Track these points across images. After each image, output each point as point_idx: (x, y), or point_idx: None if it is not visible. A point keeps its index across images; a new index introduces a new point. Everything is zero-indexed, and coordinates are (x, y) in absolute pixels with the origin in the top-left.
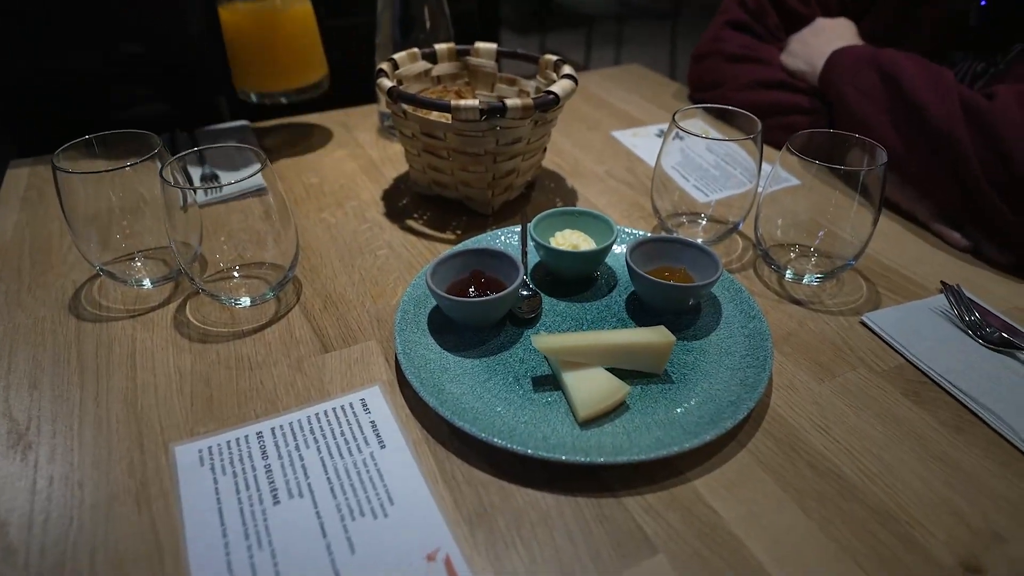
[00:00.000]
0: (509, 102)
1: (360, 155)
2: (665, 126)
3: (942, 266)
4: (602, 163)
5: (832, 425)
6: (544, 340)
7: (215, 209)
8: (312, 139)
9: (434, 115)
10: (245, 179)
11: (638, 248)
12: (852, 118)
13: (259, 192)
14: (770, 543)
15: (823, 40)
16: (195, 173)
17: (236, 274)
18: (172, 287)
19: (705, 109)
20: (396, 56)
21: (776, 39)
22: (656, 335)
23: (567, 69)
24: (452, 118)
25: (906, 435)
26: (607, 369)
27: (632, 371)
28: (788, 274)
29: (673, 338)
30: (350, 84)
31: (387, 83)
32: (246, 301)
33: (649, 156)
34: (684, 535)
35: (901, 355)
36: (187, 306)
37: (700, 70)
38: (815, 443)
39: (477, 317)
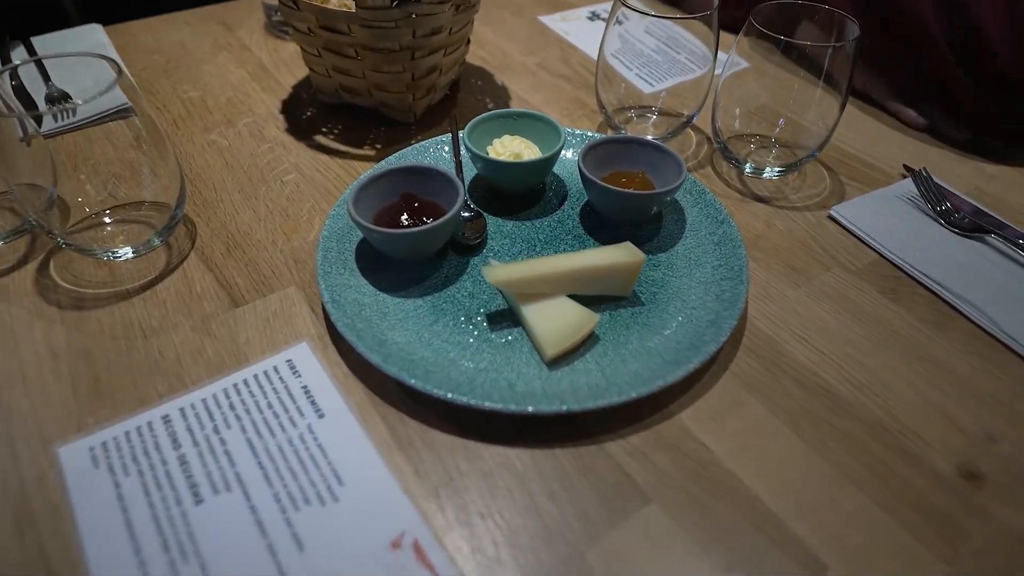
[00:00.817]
0: None
1: (248, 59)
2: (596, 8)
3: (900, 148)
4: (532, 54)
5: (813, 335)
6: (497, 272)
7: (69, 139)
8: (185, 42)
9: (333, 3)
10: (102, 97)
11: (590, 153)
12: None
13: (123, 112)
14: (767, 475)
15: None
16: (38, 94)
17: (108, 219)
18: (27, 242)
19: None
20: None
21: None
22: (623, 254)
23: None
24: (357, 6)
25: (887, 337)
26: (570, 297)
27: (597, 296)
28: (748, 168)
29: (642, 256)
30: None
31: None
32: (127, 252)
33: (583, 43)
34: (676, 478)
35: (874, 250)
36: (50, 265)
37: None
38: (799, 356)
39: (415, 250)
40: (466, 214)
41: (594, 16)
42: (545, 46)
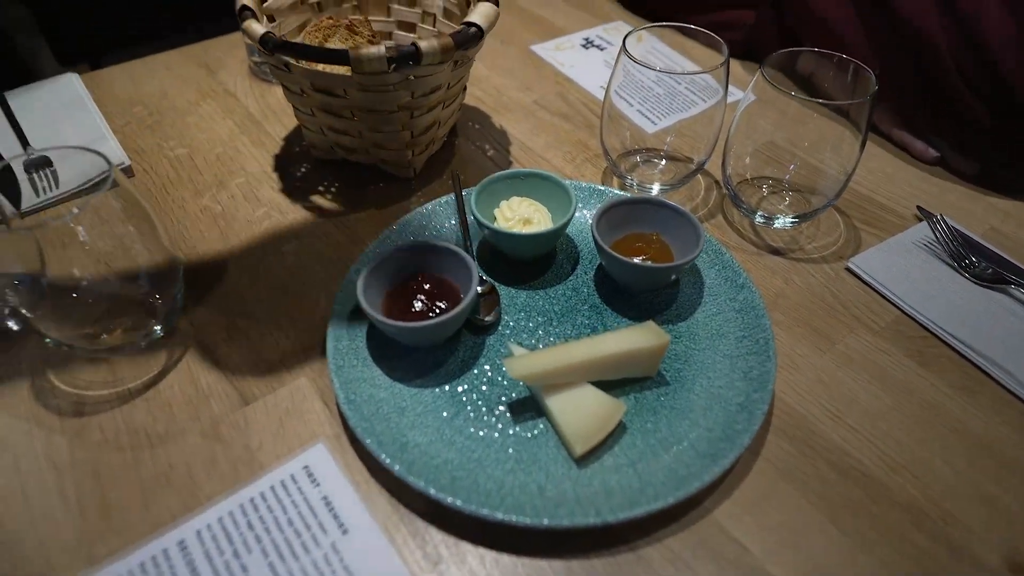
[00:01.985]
0: (424, 45)
1: (234, 107)
2: (590, 34)
3: (911, 184)
4: (529, 90)
5: (843, 409)
6: (521, 366)
7: (57, 214)
8: (167, 90)
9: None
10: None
11: (603, 217)
12: (807, 10)
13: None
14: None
15: None
16: (16, 162)
17: (102, 308)
18: (18, 339)
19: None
20: None
21: None
22: (647, 336)
23: None
24: (353, 71)
25: (919, 408)
26: (595, 383)
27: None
28: (759, 218)
29: (667, 337)
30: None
31: (257, 28)
32: (134, 344)
33: (579, 75)
34: None
35: (896, 306)
36: (46, 365)
37: None
38: (831, 435)
39: (430, 339)
40: (479, 288)
41: (588, 44)
42: (541, 80)
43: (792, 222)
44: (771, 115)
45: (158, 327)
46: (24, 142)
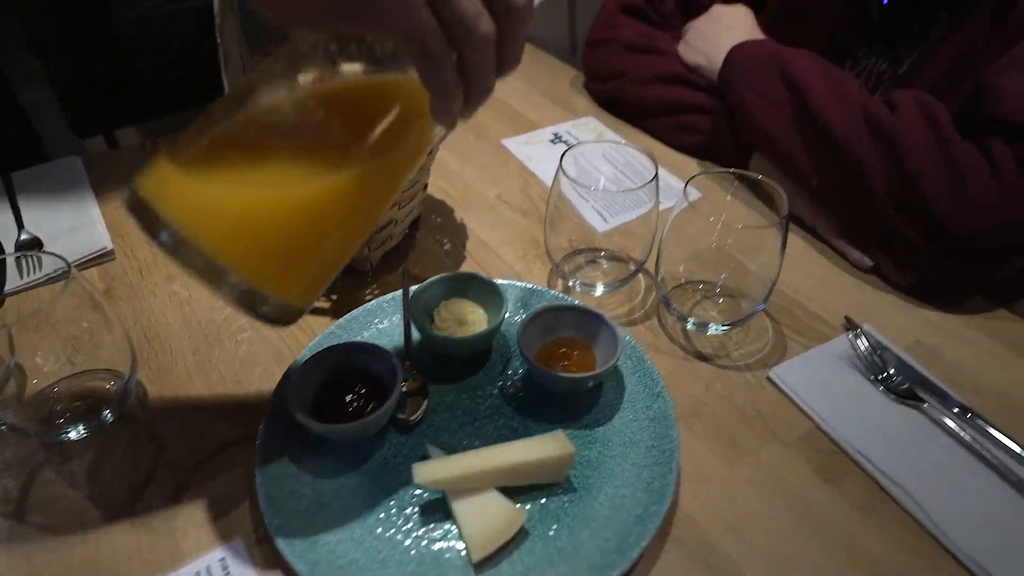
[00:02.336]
0: None
1: None
2: (559, 128)
3: (845, 292)
4: (494, 184)
5: (745, 524)
6: (428, 472)
7: (36, 297)
8: None
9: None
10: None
11: (531, 323)
12: (753, 124)
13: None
14: None
15: (720, 30)
16: (8, 240)
17: (55, 392)
18: None
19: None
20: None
21: (672, 27)
22: (553, 447)
23: None
24: None
25: (819, 526)
26: (504, 489)
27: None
28: (691, 324)
29: (572, 449)
30: (199, 82)
31: None
32: (78, 430)
33: (543, 171)
34: None
35: (810, 419)
36: None
37: (596, 58)
38: (731, 552)
39: (354, 438)
40: (404, 387)
41: (556, 139)
42: (507, 175)
43: (723, 328)
44: (700, 224)
45: (108, 413)
46: (20, 223)
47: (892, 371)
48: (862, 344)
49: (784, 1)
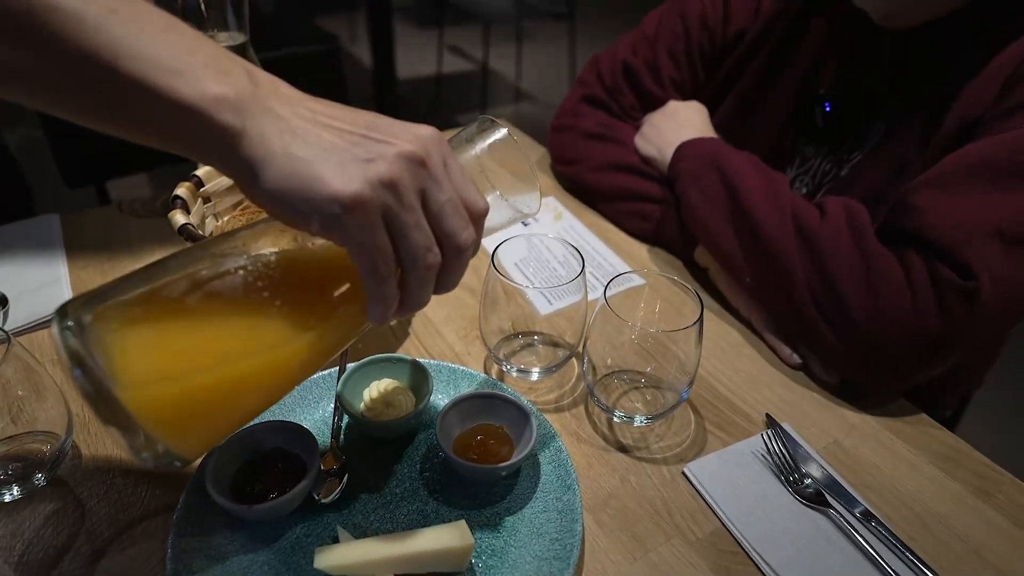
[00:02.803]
0: None
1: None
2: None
3: (771, 388)
4: None
5: None
6: (330, 557)
7: None
8: (132, 238)
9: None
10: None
11: (452, 410)
12: (694, 217)
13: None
14: None
15: (673, 126)
16: None
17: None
18: None
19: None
20: (201, 171)
21: (632, 119)
22: (453, 537)
23: None
24: None
25: None
26: None
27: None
28: (617, 416)
29: (471, 541)
30: None
31: (179, 218)
32: (16, 492)
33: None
34: None
35: (718, 517)
36: None
37: (559, 143)
38: None
39: (267, 518)
40: (330, 467)
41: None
42: None
43: (648, 420)
44: (620, 323)
45: (41, 476)
46: None
47: (802, 473)
48: (776, 444)
49: (738, 102)
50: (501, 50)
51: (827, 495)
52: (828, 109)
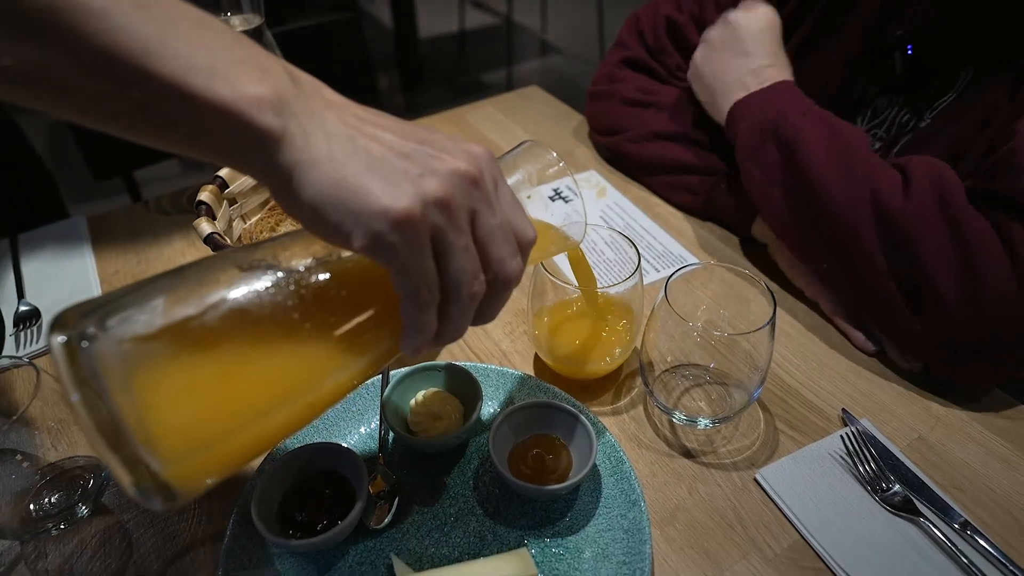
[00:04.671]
0: None
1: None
2: (559, 184)
3: (845, 379)
4: None
5: None
6: None
7: (19, 376)
8: (159, 237)
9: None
10: None
11: (505, 422)
12: (753, 193)
13: None
14: None
15: (732, 57)
16: (8, 308)
17: (32, 483)
18: None
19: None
20: (224, 172)
21: (678, 80)
22: (516, 567)
23: None
24: None
25: None
26: None
27: None
28: (677, 417)
29: (535, 571)
30: None
31: (206, 227)
32: (61, 526)
33: None
34: None
35: (796, 529)
36: None
37: (596, 111)
38: None
39: (313, 551)
40: (379, 488)
41: (555, 195)
42: None
43: (712, 423)
44: (682, 320)
45: (84, 507)
46: (20, 292)
47: (888, 479)
48: (857, 446)
49: (795, 52)
50: (525, 2)
51: (917, 502)
52: (910, 52)
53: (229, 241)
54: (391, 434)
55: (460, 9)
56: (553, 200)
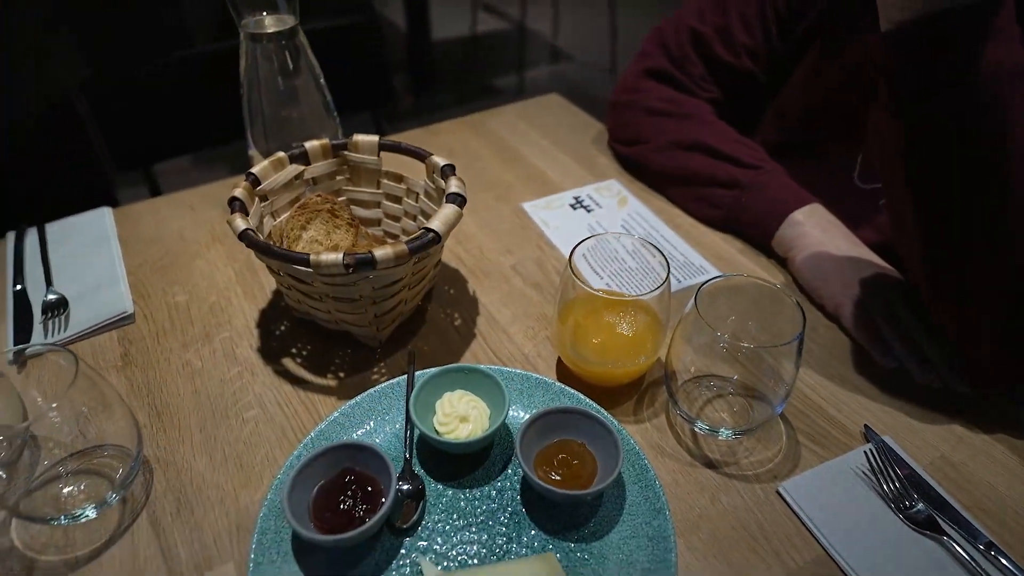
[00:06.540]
0: (379, 254)
1: (237, 255)
2: (580, 192)
3: (866, 394)
4: (510, 253)
5: None
6: None
7: (51, 361)
8: (185, 231)
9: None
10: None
11: (531, 427)
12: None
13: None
14: None
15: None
16: (36, 299)
17: (63, 469)
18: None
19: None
20: (257, 169)
21: (702, 90)
22: (543, 571)
23: (454, 185)
24: (313, 268)
25: None
26: None
27: None
28: (699, 426)
29: (562, 575)
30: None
31: (240, 223)
32: (87, 513)
33: (560, 239)
34: None
35: (819, 542)
36: (12, 523)
37: (618, 120)
38: None
39: (341, 547)
40: (405, 487)
41: (577, 204)
42: (524, 242)
43: (734, 435)
44: (709, 332)
45: (113, 494)
46: (48, 280)
47: (912, 497)
48: (881, 463)
49: (817, 64)
50: (537, 8)
51: (940, 521)
52: None
53: (262, 237)
54: (417, 435)
55: (472, 13)
56: (575, 208)
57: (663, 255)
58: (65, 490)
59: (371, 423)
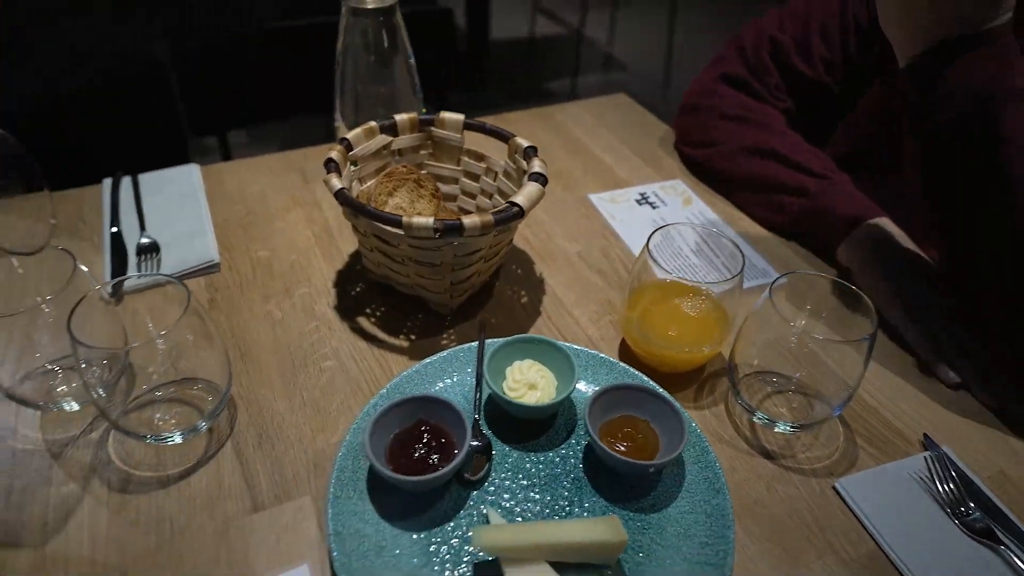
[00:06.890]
0: (467, 221)
1: (317, 218)
2: (646, 189)
3: (927, 407)
4: (575, 240)
5: None
6: (485, 538)
7: (149, 297)
8: (266, 193)
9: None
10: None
11: (597, 401)
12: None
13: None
14: None
15: None
16: (131, 241)
17: (159, 394)
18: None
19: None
20: (351, 135)
21: (776, 99)
22: (607, 532)
23: (537, 165)
24: (404, 231)
25: None
26: (555, 564)
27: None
28: (758, 418)
29: (625, 537)
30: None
31: (336, 182)
32: (176, 438)
33: (626, 232)
34: None
35: (874, 539)
36: (110, 438)
37: (689, 123)
38: None
39: (417, 490)
40: (475, 443)
41: (642, 199)
42: (590, 232)
43: (792, 429)
44: (780, 324)
45: (203, 423)
46: (142, 226)
47: (969, 505)
48: (939, 469)
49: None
50: (594, 15)
51: (998, 531)
52: None
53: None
54: (485, 399)
55: (531, 16)
56: (640, 204)
57: (739, 249)
58: (158, 415)
59: (441, 383)
